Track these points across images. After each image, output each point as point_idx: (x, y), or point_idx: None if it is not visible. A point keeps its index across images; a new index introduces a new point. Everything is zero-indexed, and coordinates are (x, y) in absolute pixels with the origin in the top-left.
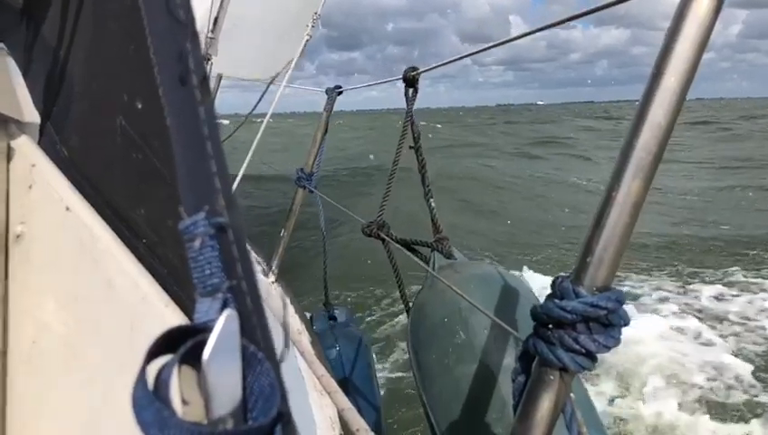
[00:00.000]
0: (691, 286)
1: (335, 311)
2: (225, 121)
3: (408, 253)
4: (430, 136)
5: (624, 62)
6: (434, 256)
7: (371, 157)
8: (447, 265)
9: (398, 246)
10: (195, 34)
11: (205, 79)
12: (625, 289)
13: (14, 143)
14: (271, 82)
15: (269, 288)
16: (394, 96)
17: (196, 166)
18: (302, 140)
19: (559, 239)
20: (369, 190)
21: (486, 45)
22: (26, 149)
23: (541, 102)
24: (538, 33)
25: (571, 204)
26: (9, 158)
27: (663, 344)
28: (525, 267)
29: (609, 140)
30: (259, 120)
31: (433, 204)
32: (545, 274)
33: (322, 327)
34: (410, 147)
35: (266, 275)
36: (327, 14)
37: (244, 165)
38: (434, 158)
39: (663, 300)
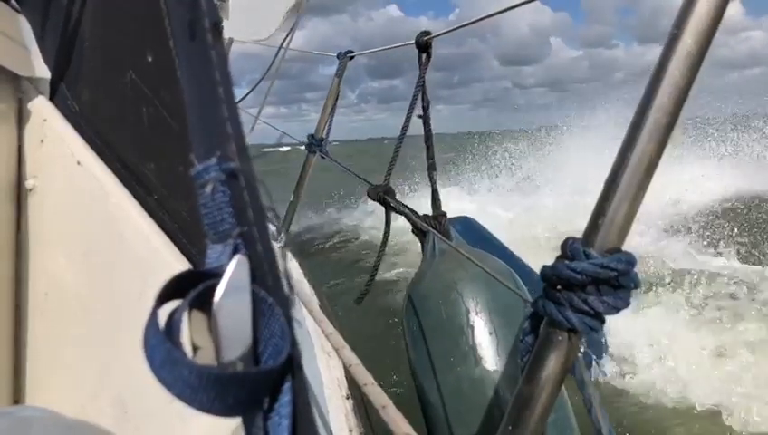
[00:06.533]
0: None
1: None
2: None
3: (410, 224)
4: None
5: None
6: (431, 237)
7: None
8: (447, 248)
9: (397, 214)
10: None
11: (218, 23)
12: None
13: (26, 98)
14: (281, 47)
15: (278, 252)
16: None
17: (208, 111)
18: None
19: None
20: None
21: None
22: (38, 104)
23: (582, 124)
24: (581, 53)
25: None
26: (21, 113)
27: None
28: None
29: None
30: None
31: (435, 177)
32: None
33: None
34: (418, 116)
35: (275, 239)
36: (366, 42)
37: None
38: None
39: None
